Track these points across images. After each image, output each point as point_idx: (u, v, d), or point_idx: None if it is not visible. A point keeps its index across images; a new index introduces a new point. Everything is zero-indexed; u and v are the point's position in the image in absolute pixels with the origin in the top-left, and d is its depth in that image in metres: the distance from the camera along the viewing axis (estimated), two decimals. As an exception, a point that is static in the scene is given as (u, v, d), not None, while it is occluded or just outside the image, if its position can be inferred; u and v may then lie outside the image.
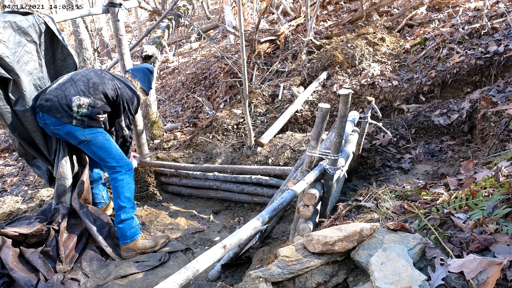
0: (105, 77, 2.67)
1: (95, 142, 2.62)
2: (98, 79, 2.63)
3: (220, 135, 4.36)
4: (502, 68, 3.89)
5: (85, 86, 2.56)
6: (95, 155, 2.70)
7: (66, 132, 2.55)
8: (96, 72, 2.70)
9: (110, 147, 2.69)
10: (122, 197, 2.72)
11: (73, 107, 2.48)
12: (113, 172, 2.73)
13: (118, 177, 2.72)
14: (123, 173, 2.74)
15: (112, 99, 2.66)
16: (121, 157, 2.75)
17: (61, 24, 11.76)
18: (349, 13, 6.76)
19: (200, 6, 9.80)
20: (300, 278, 1.33)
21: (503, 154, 2.31)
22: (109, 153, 2.69)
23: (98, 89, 2.59)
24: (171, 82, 7.71)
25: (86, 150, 2.71)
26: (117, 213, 2.74)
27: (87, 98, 2.53)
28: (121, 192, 2.72)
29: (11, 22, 2.42)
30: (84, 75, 2.63)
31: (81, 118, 2.52)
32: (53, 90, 2.53)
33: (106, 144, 2.67)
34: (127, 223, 2.73)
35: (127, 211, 2.74)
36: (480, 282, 1.09)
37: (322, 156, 2.06)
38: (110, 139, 2.72)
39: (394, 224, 1.40)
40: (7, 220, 3.29)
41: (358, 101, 4.44)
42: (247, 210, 3.46)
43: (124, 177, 2.73)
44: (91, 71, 2.69)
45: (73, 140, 2.61)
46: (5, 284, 2.43)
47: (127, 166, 2.77)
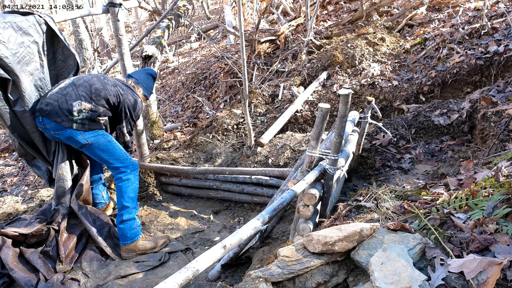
0: (107, 83, 2.65)
1: (98, 145, 2.60)
2: (100, 85, 2.61)
3: (220, 135, 4.36)
4: (502, 68, 3.89)
5: (87, 92, 2.54)
6: (98, 157, 2.68)
7: (67, 137, 2.53)
8: (98, 78, 2.68)
9: (113, 149, 2.68)
10: (126, 197, 2.71)
11: (73, 112, 2.47)
12: (118, 172, 2.72)
13: (123, 177, 2.71)
14: (128, 173, 2.72)
15: (114, 105, 2.65)
16: (125, 157, 2.73)
17: (61, 24, 11.76)
18: (349, 13, 6.76)
19: (200, 6, 9.80)
20: (300, 278, 1.33)
21: (503, 154, 2.31)
22: (112, 155, 2.67)
23: (100, 95, 2.57)
24: (171, 82, 7.71)
25: (89, 154, 2.69)
26: (120, 213, 2.73)
27: (88, 103, 2.52)
28: (125, 192, 2.71)
29: (11, 23, 2.42)
30: (86, 80, 2.61)
31: (82, 122, 2.51)
32: (54, 94, 2.52)
33: (108, 146, 2.65)
34: (128, 223, 2.72)
35: (130, 211, 2.73)
36: (480, 282, 1.09)
37: (322, 156, 2.06)
38: (112, 140, 2.70)
39: (394, 224, 1.40)
40: (7, 220, 3.29)
41: (358, 101, 4.44)
42: (247, 210, 3.46)
43: (129, 177, 2.72)
44: (93, 77, 2.68)
45: (75, 144, 2.60)
46: (5, 284, 2.43)
47: (132, 166, 2.75)
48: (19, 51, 2.45)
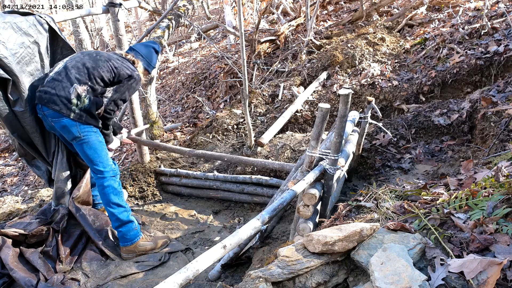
0: (100, 59, 2.59)
1: (87, 140, 2.58)
2: (93, 63, 2.55)
3: (220, 135, 4.36)
4: (502, 68, 3.89)
5: (80, 73, 2.50)
6: (84, 154, 2.65)
7: (62, 125, 2.51)
8: (90, 55, 2.61)
9: (100, 150, 2.65)
10: (110, 203, 2.68)
11: (72, 100, 2.44)
12: (99, 177, 2.67)
13: (104, 183, 2.67)
14: (108, 179, 2.68)
15: (109, 81, 2.59)
16: (107, 163, 2.70)
17: (61, 24, 11.75)
18: (349, 13, 6.76)
19: (200, 6, 9.80)
20: (300, 278, 1.33)
21: (503, 154, 2.31)
22: (98, 156, 2.64)
23: (93, 73, 2.52)
24: (171, 82, 7.71)
25: (77, 148, 2.66)
26: (111, 219, 2.70)
27: (84, 85, 2.48)
28: (109, 198, 2.67)
29: (11, 23, 2.41)
30: (78, 60, 2.56)
31: (80, 113, 2.49)
32: (50, 82, 2.48)
33: (97, 146, 2.63)
34: (126, 226, 2.70)
35: (120, 215, 2.68)
36: (480, 282, 1.09)
37: (322, 156, 2.06)
38: (103, 141, 2.68)
39: (394, 224, 1.40)
40: (7, 220, 3.29)
41: (358, 101, 4.44)
42: (247, 210, 3.46)
43: (109, 183, 2.68)
44: (85, 55, 2.62)
45: (67, 134, 2.57)
46: (5, 284, 2.43)
47: (112, 172, 2.71)
48: (19, 51, 2.45)
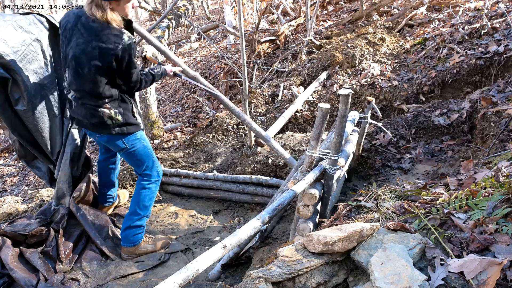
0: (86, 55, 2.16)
1: (135, 149, 2.56)
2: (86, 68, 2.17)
3: (220, 135, 4.36)
4: (502, 68, 3.89)
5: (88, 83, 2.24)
6: (132, 162, 2.66)
7: (106, 140, 2.50)
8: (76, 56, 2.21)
9: (146, 156, 2.64)
10: (141, 204, 2.68)
11: (106, 122, 2.36)
12: (143, 179, 2.69)
13: (145, 185, 2.68)
14: (152, 182, 2.71)
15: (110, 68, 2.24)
16: (155, 167, 2.71)
17: (61, 24, 11.71)
18: (349, 13, 6.76)
19: (200, 6, 9.80)
20: (300, 278, 1.33)
21: (503, 154, 2.31)
22: (146, 161, 2.64)
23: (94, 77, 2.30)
24: (171, 82, 7.72)
25: (124, 157, 2.66)
26: (130, 217, 2.69)
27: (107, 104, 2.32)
28: (143, 199, 2.68)
29: (11, 22, 2.41)
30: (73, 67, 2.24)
31: (120, 128, 2.43)
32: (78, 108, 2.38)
33: (144, 152, 2.61)
34: (135, 230, 2.70)
35: (141, 219, 2.71)
36: (480, 282, 1.09)
37: (322, 156, 2.06)
38: (148, 145, 2.66)
39: (394, 224, 1.40)
40: (7, 220, 3.29)
41: (358, 101, 4.44)
42: (247, 210, 3.46)
43: (151, 186, 2.70)
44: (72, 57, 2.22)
45: (114, 147, 2.58)
46: (5, 284, 2.43)
47: (157, 175, 2.73)
48: (20, 49, 2.42)
